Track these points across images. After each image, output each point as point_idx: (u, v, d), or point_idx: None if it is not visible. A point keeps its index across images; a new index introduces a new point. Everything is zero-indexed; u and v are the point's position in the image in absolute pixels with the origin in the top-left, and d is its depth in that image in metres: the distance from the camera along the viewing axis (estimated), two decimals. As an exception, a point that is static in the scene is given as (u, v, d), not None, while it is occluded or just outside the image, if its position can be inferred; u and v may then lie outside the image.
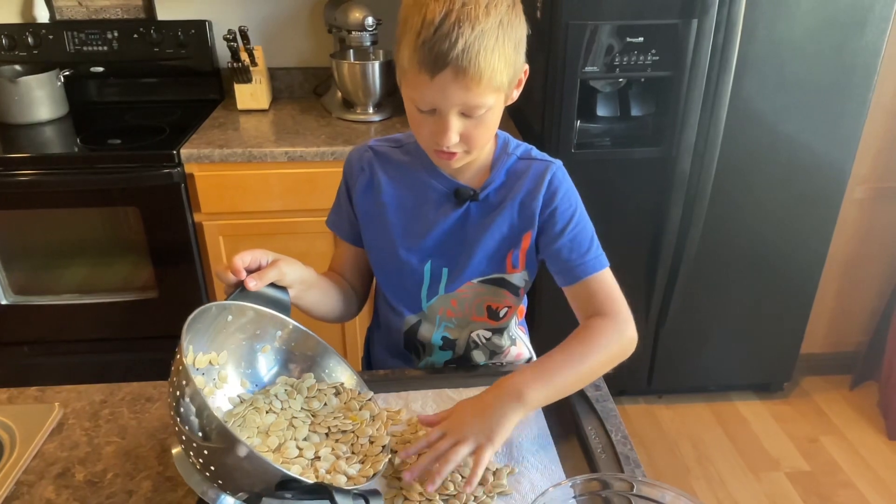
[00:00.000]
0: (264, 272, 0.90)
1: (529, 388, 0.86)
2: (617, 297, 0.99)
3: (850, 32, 1.78)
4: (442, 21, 0.81)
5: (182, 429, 0.70)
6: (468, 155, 0.94)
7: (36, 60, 2.19)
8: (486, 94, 0.85)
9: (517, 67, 0.90)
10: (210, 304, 0.83)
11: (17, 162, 1.87)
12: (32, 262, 2.08)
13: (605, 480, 0.79)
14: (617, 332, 0.95)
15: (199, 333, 0.83)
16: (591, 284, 0.99)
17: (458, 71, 0.82)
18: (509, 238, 1.02)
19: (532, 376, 0.88)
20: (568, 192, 1.01)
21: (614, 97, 1.94)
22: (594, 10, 1.71)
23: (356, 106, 2.17)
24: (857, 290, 2.33)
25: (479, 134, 0.91)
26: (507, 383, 0.87)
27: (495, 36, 0.83)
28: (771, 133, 1.89)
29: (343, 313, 1.11)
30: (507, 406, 0.85)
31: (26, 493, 0.85)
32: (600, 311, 0.97)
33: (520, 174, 1.01)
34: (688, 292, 2.08)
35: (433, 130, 0.89)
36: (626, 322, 0.96)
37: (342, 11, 2.13)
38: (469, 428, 0.83)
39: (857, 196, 2.14)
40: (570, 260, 0.99)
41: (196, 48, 2.26)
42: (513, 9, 0.87)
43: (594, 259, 1.00)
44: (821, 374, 2.45)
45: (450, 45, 0.80)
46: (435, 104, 0.86)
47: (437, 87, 0.84)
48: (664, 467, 2.08)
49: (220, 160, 1.88)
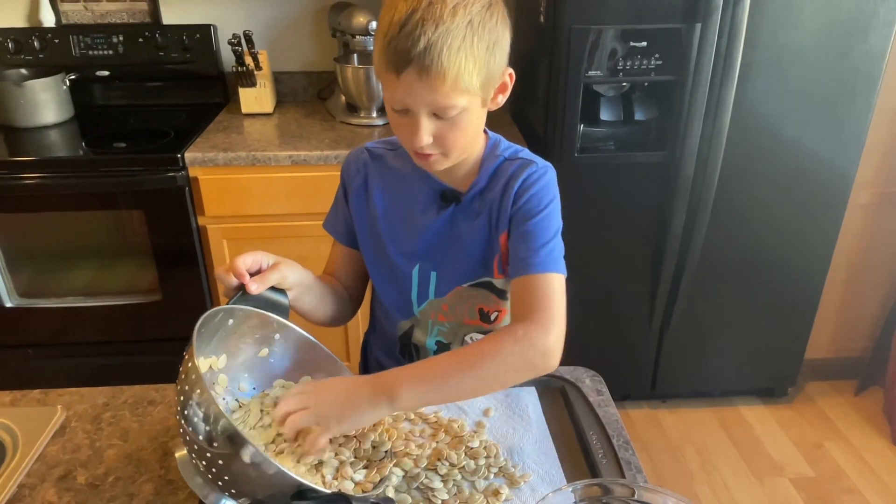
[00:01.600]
0: (266, 275, 0.89)
1: (405, 388, 0.81)
2: (550, 305, 0.89)
3: (853, 38, 1.78)
4: (407, 20, 0.81)
5: (195, 438, 0.70)
6: (446, 158, 0.92)
7: (42, 64, 2.21)
8: (454, 94, 0.84)
9: (492, 70, 0.87)
10: (217, 309, 0.83)
11: (22, 165, 1.88)
12: (37, 265, 2.09)
13: (606, 486, 0.78)
14: (525, 343, 0.85)
15: (202, 338, 0.83)
16: (531, 282, 0.91)
17: (421, 69, 0.82)
18: (489, 241, 1.01)
19: (411, 377, 0.83)
20: (541, 191, 0.96)
21: (618, 101, 1.94)
22: (598, 14, 1.72)
23: (360, 110, 2.18)
24: (862, 296, 2.32)
25: (455, 137, 0.89)
26: (385, 379, 0.82)
27: (462, 36, 0.82)
28: (775, 138, 1.89)
29: (338, 317, 1.10)
30: (376, 402, 0.80)
31: (28, 496, 0.85)
32: (528, 313, 0.89)
33: (502, 174, 0.99)
34: (691, 297, 2.08)
35: (407, 131, 0.89)
36: (544, 331, 0.86)
37: (346, 16, 2.14)
38: (325, 409, 0.80)
39: (861, 201, 2.14)
40: (518, 252, 0.94)
41: (201, 52, 2.27)
42: (488, 10, 0.85)
43: (544, 260, 0.92)
44: (825, 380, 2.44)
45: (412, 43, 0.81)
46: (405, 104, 0.86)
47: (404, 85, 0.84)
48: (668, 472, 2.08)
49: (225, 164, 1.89)
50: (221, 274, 0.88)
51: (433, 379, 0.84)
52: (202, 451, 0.70)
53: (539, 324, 0.87)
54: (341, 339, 2.17)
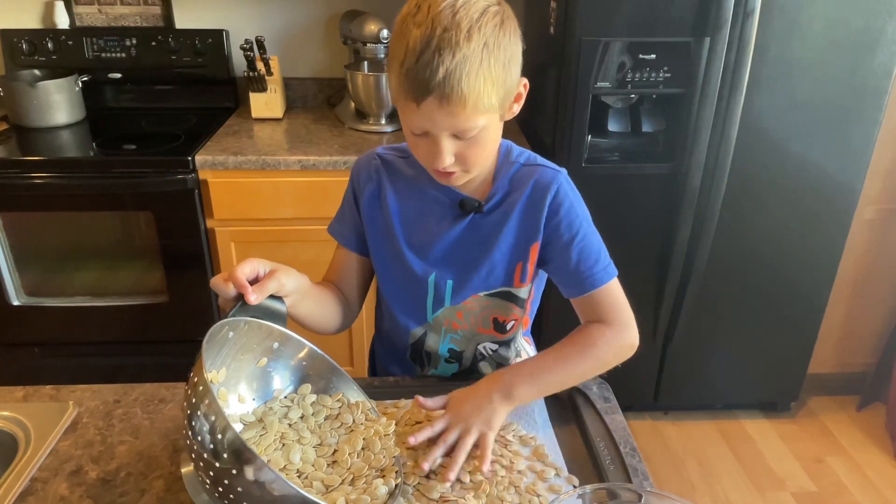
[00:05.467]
0: (264, 284, 0.87)
1: (519, 385, 0.93)
2: (621, 306, 1.01)
3: (861, 54, 1.80)
4: (423, 49, 0.81)
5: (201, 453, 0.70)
6: (467, 174, 0.94)
7: (55, 65, 2.23)
8: (475, 117, 0.85)
9: (509, 85, 0.88)
10: (223, 322, 0.81)
11: (33, 165, 1.90)
12: (45, 264, 2.10)
13: (613, 491, 0.79)
14: (614, 339, 0.99)
15: (209, 350, 0.80)
16: (597, 296, 1.00)
17: (441, 97, 0.82)
18: (516, 249, 1.02)
19: (523, 374, 0.95)
20: (574, 202, 1.00)
21: (625, 113, 1.95)
22: (607, 26, 1.73)
23: (369, 117, 2.19)
24: (866, 311, 2.32)
25: (476, 153, 0.91)
26: (500, 378, 0.94)
27: (479, 60, 0.82)
28: (781, 152, 1.90)
29: (335, 323, 1.08)
30: (496, 399, 0.92)
31: (40, 490, 0.85)
32: (604, 319, 1.01)
33: (522, 181, 1.00)
34: (696, 309, 2.08)
35: (428, 152, 0.91)
36: (626, 328, 1.00)
37: (357, 24, 2.16)
38: (470, 419, 0.90)
39: (866, 216, 2.14)
40: (578, 273, 1.00)
41: (213, 57, 2.29)
42: (500, 28, 0.85)
43: (602, 271, 1.00)
44: (828, 395, 2.44)
45: (431, 73, 0.81)
46: (425, 129, 0.88)
47: (424, 113, 0.85)
48: (669, 484, 2.07)
49: (234, 167, 1.90)
50: (219, 284, 0.86)
51: (542, 375, 0.96)
52: (208, 465, 0.69)
53: (621, 324, 1.00)
54: (346, 345, 2.18)
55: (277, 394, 0.91)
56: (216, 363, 0.84)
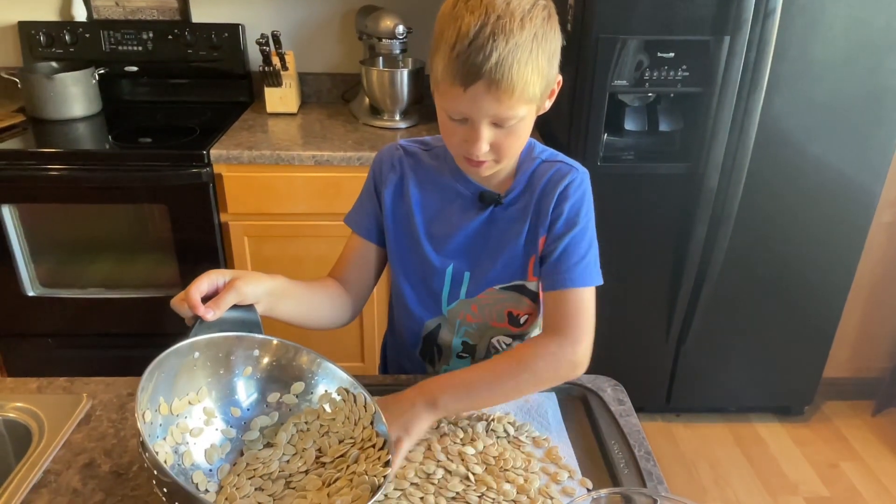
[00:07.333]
0: (220, 298, 0.84)
1: (445, 394, 0.90)
2: (583, 317, 0.96)
3: (883, 55, 1.77)
4: (477, 34, 0.82)
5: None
6: (497, 164, 0.94)
7: (72, 58, 2.24)
8: (518, 105, 0.86)
9: (550, 79, 0.90)
10: (167, 352, 0.78)
11: (49, 157, 1.91)
12: (59, 256, 2.11)
13: (627, 495, 0.78)
14: (557, 353, 0.94)
15: (165, 380, 0.78)
16: (565, 296, 0.97)
17: (490, 83, 0.83)
18: (529, 242, 1.02)
19: (453, 385, 0.92)
20: (581, 200, 0.99)
21: (643, 111, 1.93)
22: (625, 24, 1.72)
23: (383, 113, 2.19)
24: (883, 316, 2.29)
25: (510, 144, 0.91)
26: (427, 386, 0.92)
27: (529, 49, 0.83)
28: (800, 153, 1.88)
29: (333, 318, 1.06)
30: (420, 406, 0.89)
31: (53, 482, 0.86)
32: (560, 327, 0.96)
33: (540, 176, 1.01)
34: (710, 311, 2.06)
35: (464, 139, 0.90)
36: (576, 342, 0.94)
37: (373, 19, 2.15)
38: (390, 423, 0.85)
39: (885, 220, 2.11)
40: (556, 266, 0.98)
41: (228, 51, 2.29)
42: (548, 21, 0.87)
43: (580, 274, 0.97)
44: (843, 399, 2.42)
45: (483, 58, 0.81)
46: (467, 114, 0.87)
47: (470, 98, 0.85)
48: (681, 487, 2.06)
49: (249, 161, 1.90)
50: (176, 305, 0.84)
51: (471, 389, 0.92)
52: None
53: (570, 337, 0.94)
54: (357, 340, 2.18)
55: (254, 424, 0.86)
56: (189, 386, 0.81)
